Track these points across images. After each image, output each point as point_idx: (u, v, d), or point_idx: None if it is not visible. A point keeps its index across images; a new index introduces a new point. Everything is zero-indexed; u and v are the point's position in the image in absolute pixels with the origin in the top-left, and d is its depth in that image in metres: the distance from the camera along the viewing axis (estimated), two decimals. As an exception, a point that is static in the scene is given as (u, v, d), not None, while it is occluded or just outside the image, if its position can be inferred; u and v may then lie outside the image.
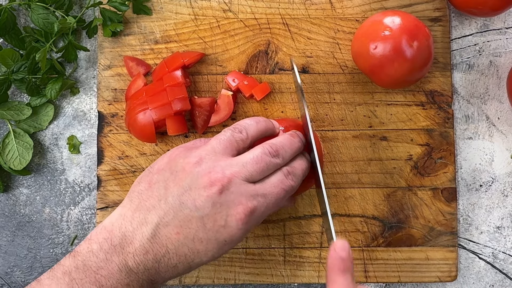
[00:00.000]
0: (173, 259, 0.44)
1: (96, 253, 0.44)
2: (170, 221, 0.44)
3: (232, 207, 0.44)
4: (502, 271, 0.59)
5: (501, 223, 0.60)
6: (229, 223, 0.44)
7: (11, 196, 0.60)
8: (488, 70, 0.61)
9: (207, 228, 0.44)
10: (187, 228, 0.44)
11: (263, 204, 0.45)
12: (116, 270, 0.43)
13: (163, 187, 0.45)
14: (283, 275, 0.58)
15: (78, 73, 0.61)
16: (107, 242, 0.44)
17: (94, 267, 0.43)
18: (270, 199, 0.45)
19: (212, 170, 0.45)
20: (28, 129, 0.59)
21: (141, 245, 0.44)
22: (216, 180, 0.44)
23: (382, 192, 0.58)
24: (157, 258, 0.44)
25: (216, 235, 0.44)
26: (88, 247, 0.44)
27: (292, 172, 0.48)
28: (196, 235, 0.44)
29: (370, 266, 0.58)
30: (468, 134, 0.60)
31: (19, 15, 0.61)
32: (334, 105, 0.59)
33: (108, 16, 0.58)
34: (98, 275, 0.43)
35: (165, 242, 0.44)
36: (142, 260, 0.44)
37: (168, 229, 0.44)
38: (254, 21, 0.60)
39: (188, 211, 0.44)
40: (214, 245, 0.44)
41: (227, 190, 0.44)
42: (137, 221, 0.44)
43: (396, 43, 0.52)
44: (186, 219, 0.44)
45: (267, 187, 0.46)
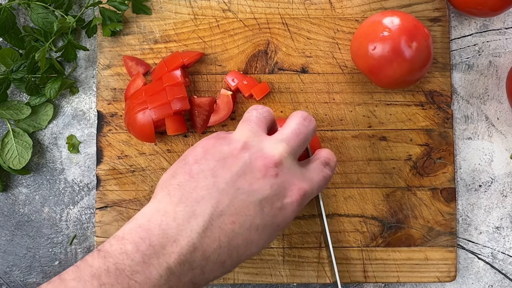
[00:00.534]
0: (224, 253, 0.40)
1: (131, 255, 0.38)
2: (225, 209, 0.41)
3: (287, 188, 0.43)
4: (501, 271, 0.59)
5: (500, 223, 0.60)
6: (285, 205, 0.42)
7: (10, 196, 0.60)
8: (488, 71, 0.61)
9: (265, 213, 0.41)
10: (243, 215, 0.41)
11: (311, 188, 0.44)
12: (154, 274, 0.38)
13: (210, 176, 0.42)
14: (282, 275, 0.58)
15: (77, 73, 0.61)
16: (145, 242, 0.39)
17: (128, 271, 0.38)
18: (314, 184, 0.45)
19: (261, 152, 0.43)
20: (27, 128, 0.59)
21: (189, 241, 0.39)
22: (270, 162, 0.42)
23: (382, 192, 0.58)
24: (206, 255, 0.40)
25: (273, 220, 0.42)
26: (122, 247, 0.39)
27: (328, 163, 0.48)
28: (253, 222, 0.41)
29: (369, 266, 0.58)
30: (467, 134, 0.60)
31: (19, 14, 0.61)
32: (334, 105, 0.59)
33: (108, 15, 0.58)
34: (132, 281, 0.38)
35: (218, 234, 0.40)
36: (188, 259, 0.39)
37: (222, 219, 0.40)
38: (254, 21, 0.60)
39: (245, 196, 0.41)
40: (268, 232, 0.42)
41: (281, 171, 0.43)
42: (183, 215, 0.40)
43: (395, 43, 0.52)
44: (243, 205, 0.41)
45: (311, 172, 0.46)
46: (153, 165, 0.58)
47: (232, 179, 0.42)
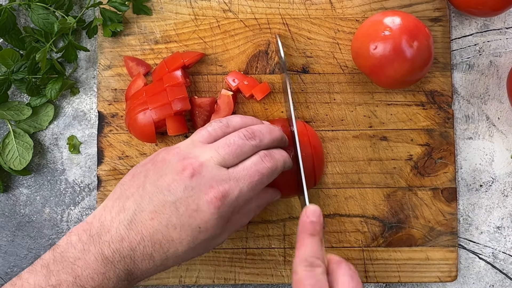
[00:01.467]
0: (148, 247, 0.44)
1: (74, 245, 0.44)
2: (146, 206, 0.45)
3: (203, 191, 0.44)
4: (502, 271, 0.59)
5: (501, 223, 0.60)
6: (201, 207, 0.44)
7: (11, 196, 0.60)
8: (488, 70, 0.61)
9: (180, 213, 0.44)
10: (161, 214, 0.44)
11: (235, 188, 0.45)
12: (92, 259, 0.43)
13: (143, 176, 0.47)
14: (283, 275, 0.58)
15: (78, 73, 0.61)
16: (86, 233, 0.45)
17: (72, 258, 0.44)
18: (243, 182, 0.45)
19: (187, 156, 0.46)
20: (28, 129, 0.59)
21: (117, 232, 0.44)
22: (188, 165, 0.45)
23: (382, 192, 0.58)
24: (133, 246, 0.44)
25: (189, 221, 0.44)
26: (68, 239, 0.45)
27: (269, 154, 0.47)
28: (169, 221, 0.44)
29: (370, 266, 0.58)
30: (468, 134, 0.60)
31: (19, 15, 0.61)
32: (334, 105, 0.59)
33: (108, 16, 0.58)
34: (75, 266, 0.43)
35: (140, 228, 0.44)
36: (117, 248, 0.44)
37: (143, 215, 0.44)
38: (254, 21, 0.60)
39: (162, 196, 0.45)
40: (188, 232, 0.44)
41: (199, 174, 0.44)
42: (116, 209, 0.45)
43: (396, 43, 0.52)
44: (160, 204, 0.44)
45: (239, 170, 0.46)
46: (154, 165, 0.58)
47: (155, 178, 0.46)
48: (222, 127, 0.49)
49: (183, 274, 0.58)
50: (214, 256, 0.58)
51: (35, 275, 0.44)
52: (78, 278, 0.43)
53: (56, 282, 0.43)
